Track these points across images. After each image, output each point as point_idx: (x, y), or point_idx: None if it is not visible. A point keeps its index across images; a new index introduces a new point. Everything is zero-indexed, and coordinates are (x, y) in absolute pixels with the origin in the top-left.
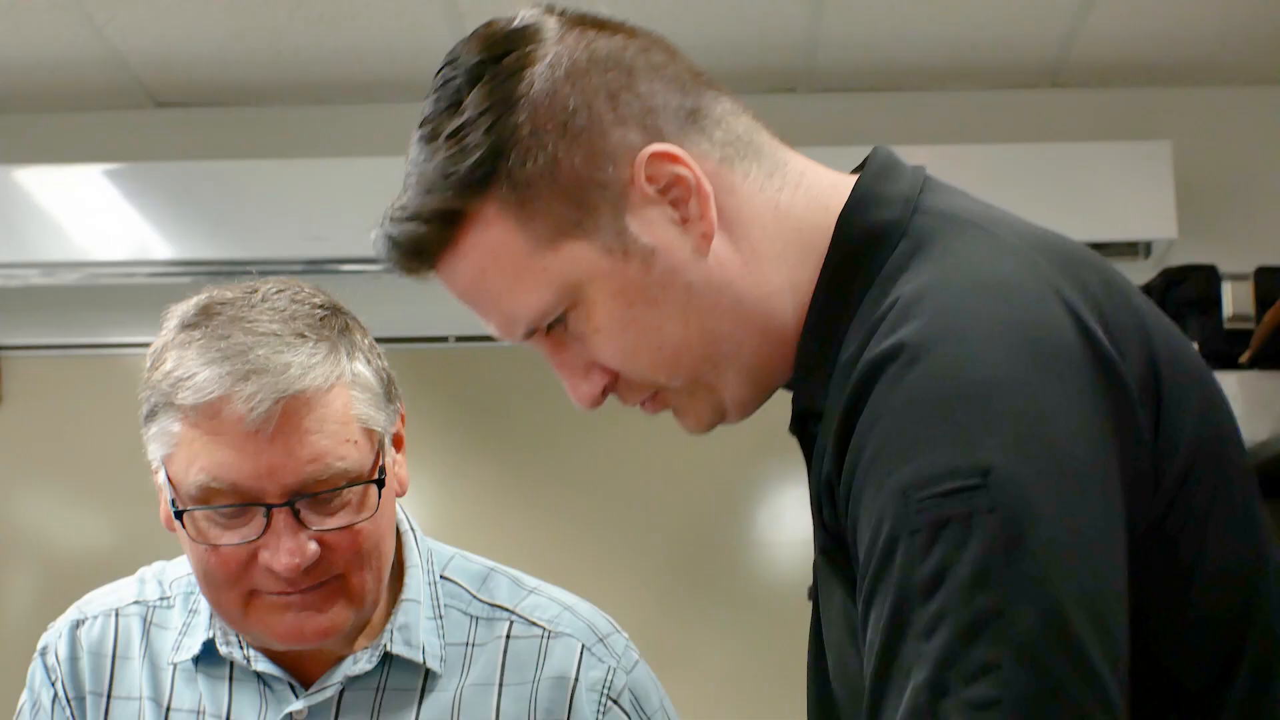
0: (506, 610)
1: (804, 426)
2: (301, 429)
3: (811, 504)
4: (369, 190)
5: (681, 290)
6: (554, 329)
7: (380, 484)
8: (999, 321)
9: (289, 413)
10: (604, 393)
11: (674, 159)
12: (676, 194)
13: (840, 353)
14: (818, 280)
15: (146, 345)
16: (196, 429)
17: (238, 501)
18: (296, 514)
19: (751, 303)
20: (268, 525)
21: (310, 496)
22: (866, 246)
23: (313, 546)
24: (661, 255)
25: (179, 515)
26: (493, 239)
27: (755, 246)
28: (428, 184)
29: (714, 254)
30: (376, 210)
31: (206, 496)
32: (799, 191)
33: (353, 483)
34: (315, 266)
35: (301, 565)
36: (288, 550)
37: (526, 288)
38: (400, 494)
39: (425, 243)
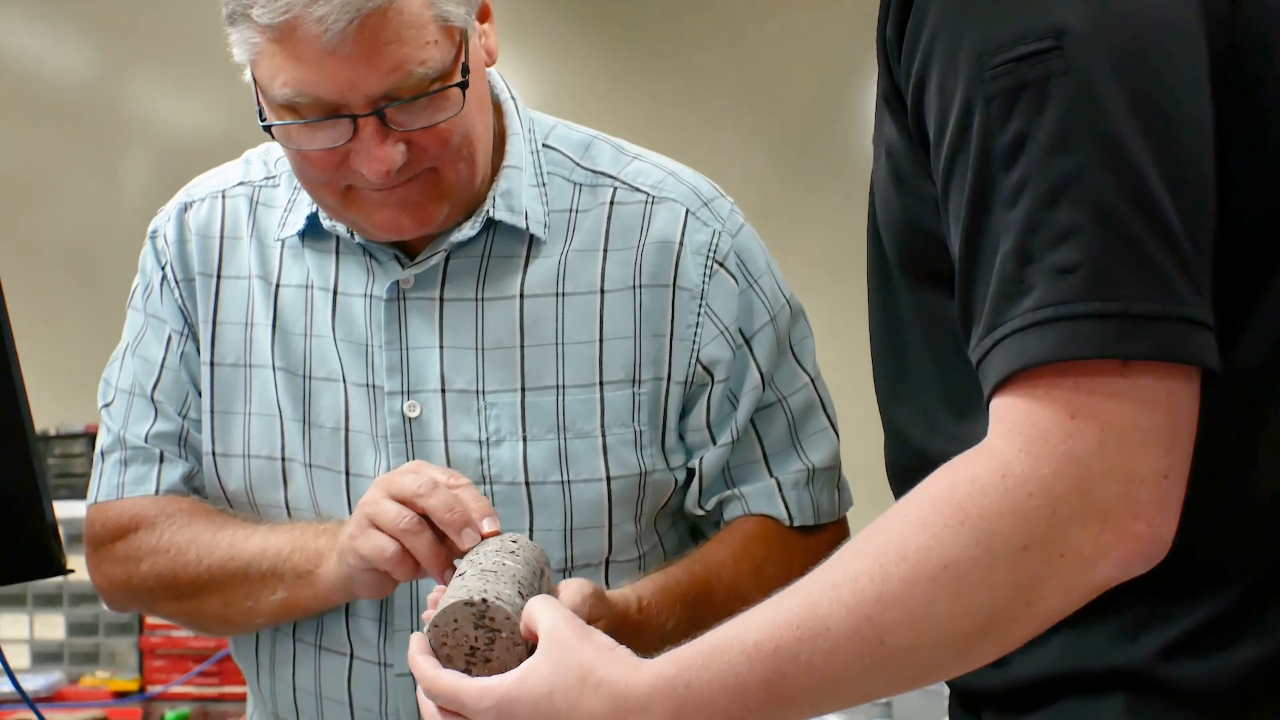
0: (610, 177)
1: None
2: (380, 40)
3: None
4: None
5: None
6: None
7: (464, 86)
8: None
9: (365, 27)
10: None
11: None
12: None
13: None
14: None
15: None
16: (275, 44)
17: (323, 114)
18: (383, 120)
19: None
20: (355, 132)
21: (395, 103)
22: None
23: (400, 149)
24: None
25: (267, 128)
26: None
27: None
28: None
29: None
30: None
31: (293, 107)
32: None
33: (437, 85)
34: None
35: (391, 170)
36: (376, 157)
37: None
38: (490, 64)
39: None
